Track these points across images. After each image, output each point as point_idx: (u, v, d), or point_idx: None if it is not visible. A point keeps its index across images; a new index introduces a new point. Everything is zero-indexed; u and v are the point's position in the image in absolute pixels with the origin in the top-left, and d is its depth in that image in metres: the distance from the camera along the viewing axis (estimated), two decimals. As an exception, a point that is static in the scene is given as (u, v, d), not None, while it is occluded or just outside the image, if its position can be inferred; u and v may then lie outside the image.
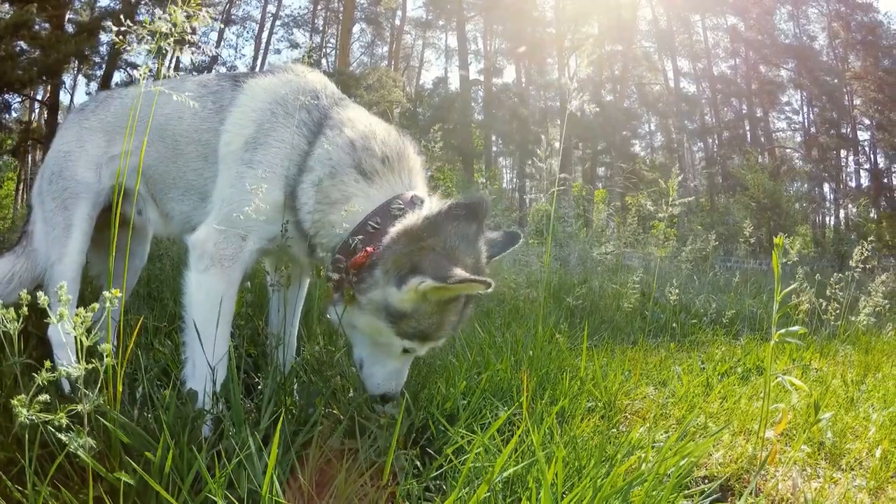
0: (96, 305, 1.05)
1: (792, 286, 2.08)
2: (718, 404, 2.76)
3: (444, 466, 1.59)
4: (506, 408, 1.99)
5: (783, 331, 1.98)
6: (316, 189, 1.91)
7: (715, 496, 2.04)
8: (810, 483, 2.28)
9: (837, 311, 4.32)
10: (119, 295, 1.11)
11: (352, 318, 1.86)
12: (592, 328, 4.02)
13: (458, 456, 1.63)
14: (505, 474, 1.37)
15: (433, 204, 1.90)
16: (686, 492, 1.82)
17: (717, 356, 3.63)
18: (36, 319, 2.45)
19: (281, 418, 1.28)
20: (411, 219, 1.83)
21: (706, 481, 2.13)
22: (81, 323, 0.99)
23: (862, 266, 3.83)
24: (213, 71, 18.30)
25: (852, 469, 2.44)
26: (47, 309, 1.03)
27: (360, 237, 1.85)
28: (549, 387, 2.29)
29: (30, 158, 24.44)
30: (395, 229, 1.82)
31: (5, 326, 1.07)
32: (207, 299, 1.89)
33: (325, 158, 1.93)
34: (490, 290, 1.63)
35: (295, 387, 1.91)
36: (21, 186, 26.05)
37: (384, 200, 1.90)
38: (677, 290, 4.04)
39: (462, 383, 1.96)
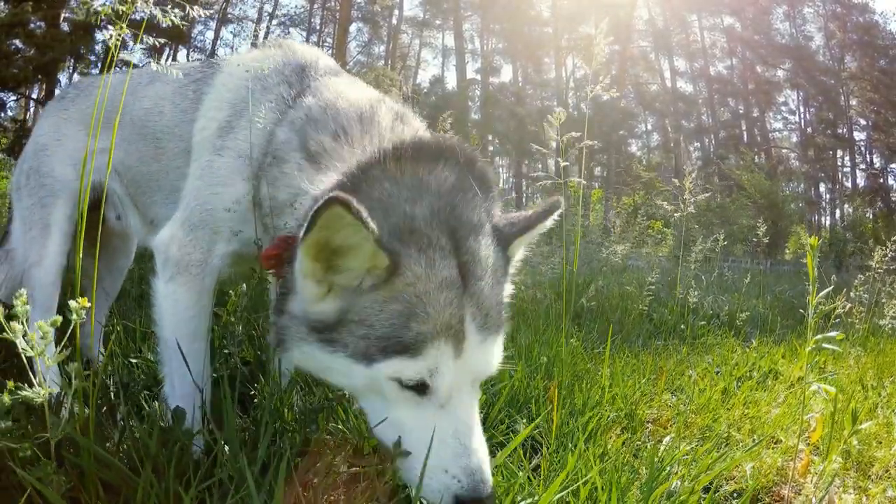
0: (58, 319, 0.90)
1: (827, 290, 1.93)
2: (740, 412, 2.63)
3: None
4: (525, 420, 1.83)
5: (820, 336, 1.83)
6: (269, 187, 1.53)
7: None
8: (843, 495, 2.16)
9: (862, 314, 4.20)
10: (87, 305, 0.96)
11: (294, 360, 1.31)
12: (602, 331, 3.89)
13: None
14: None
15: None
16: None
17: (733, 361, 3.50)
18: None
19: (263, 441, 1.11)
20: (329, 182, 1.34)
21: (735, 496, 2.00)
22: (42, 338, 0.83)
23: (885, 267, 3.72)
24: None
25: (881, 479, 2.32)
26: (3, 322, 0.87)
27: None
28: (568, 395, 2.15)
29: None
30: (307, 203, 1.33)
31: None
32: (176, 313, 1.64)
33: (278, 143, 1.55)
34: (355, 208, 1.04)
35: (296, 400, 1.71)
36: (15, 186, 25.85)
37: None
38: (697, 291, 3.91)
39: (483, 396, 1.77)
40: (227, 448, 1.18)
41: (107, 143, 2.12)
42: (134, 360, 2.13)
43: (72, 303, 0.91)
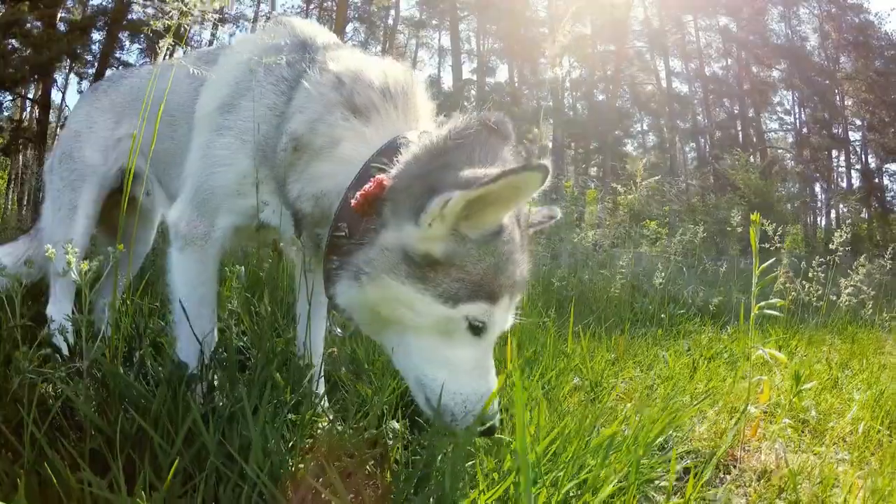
0: (102, 257, 1.09)
1: (769, 261, 2.13)
2: (704, 385, 2.82)
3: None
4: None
5: (764, 303, 2.03)
6: (294, 141, 1.61)
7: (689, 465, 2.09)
8: (795, 456, 2.33)
9: (819, 293, 4.41)
10: (123, 249, 1.15)
11: (365, 294, 1.41)
12: (580, 317, 4.07)
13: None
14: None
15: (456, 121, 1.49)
16: (665, 455, 1.87)
17: (704, 342, 3.69)
18: (32, 301, 2.47)
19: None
20: (428, 138, 1.46)
21: (690, 455, 2.19)
22: (87, 273, 1.02)
23: (843, 250, 3.92)
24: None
25: (836, 444, 2.50)
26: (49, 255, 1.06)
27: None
28: (538, 367, 2.33)
29: (21, 157, 24.35)
30: (408, 153, 1.45)
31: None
32: (185, 281, 1.81)
33: (303, 103, 1.64)
34: (548, 180, 1.24)
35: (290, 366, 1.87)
36: (12, 185, 25.94)
37: (387, 142, 1.52)
38: (664, 275, 4.10)
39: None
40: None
41: (132, 128, 2.26)
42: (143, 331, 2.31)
43: (109, 248, 1.11)
